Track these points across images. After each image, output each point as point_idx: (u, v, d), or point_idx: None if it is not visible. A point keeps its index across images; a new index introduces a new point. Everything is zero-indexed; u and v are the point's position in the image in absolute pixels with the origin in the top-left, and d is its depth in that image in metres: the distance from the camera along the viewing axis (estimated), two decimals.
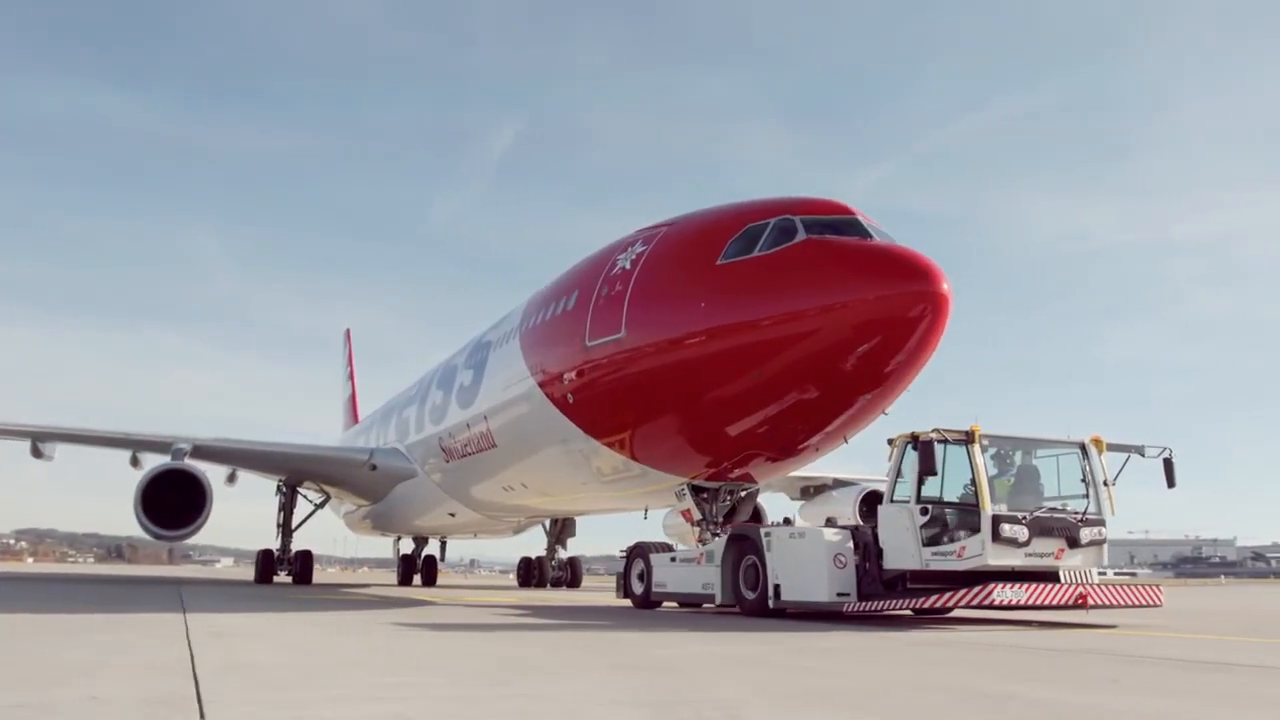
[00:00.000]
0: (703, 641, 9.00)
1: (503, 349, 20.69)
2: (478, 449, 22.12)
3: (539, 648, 8.06)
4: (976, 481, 11.01)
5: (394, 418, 30.69)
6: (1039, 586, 11.06)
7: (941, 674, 6.49)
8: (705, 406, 14.84)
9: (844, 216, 13.97)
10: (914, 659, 7.49)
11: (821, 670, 6.62)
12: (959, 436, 11.25)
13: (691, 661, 6.99)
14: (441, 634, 9.66)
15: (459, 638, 9.17)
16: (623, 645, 8.27)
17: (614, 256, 16.77)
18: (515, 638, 9.36)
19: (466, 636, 9.37)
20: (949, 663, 7.25)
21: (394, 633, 9.48)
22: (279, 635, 9.01)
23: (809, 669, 6.70)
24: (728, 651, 7.93)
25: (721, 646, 8.43)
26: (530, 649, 7.94)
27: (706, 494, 16.54)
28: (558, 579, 34.58)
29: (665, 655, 7.45)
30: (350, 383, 51.84)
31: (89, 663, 6.25)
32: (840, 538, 12.33)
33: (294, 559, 30.89)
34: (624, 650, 7.80)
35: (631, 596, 16.41)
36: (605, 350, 15.92)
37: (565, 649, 7.93)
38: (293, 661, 6.62)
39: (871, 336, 12.61)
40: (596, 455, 17.37)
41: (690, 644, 8.60)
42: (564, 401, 17.27)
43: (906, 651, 8.11)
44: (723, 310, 14.07)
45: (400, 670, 6.25)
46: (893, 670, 6.64)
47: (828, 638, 9.49)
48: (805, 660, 7.29)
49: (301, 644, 8.08)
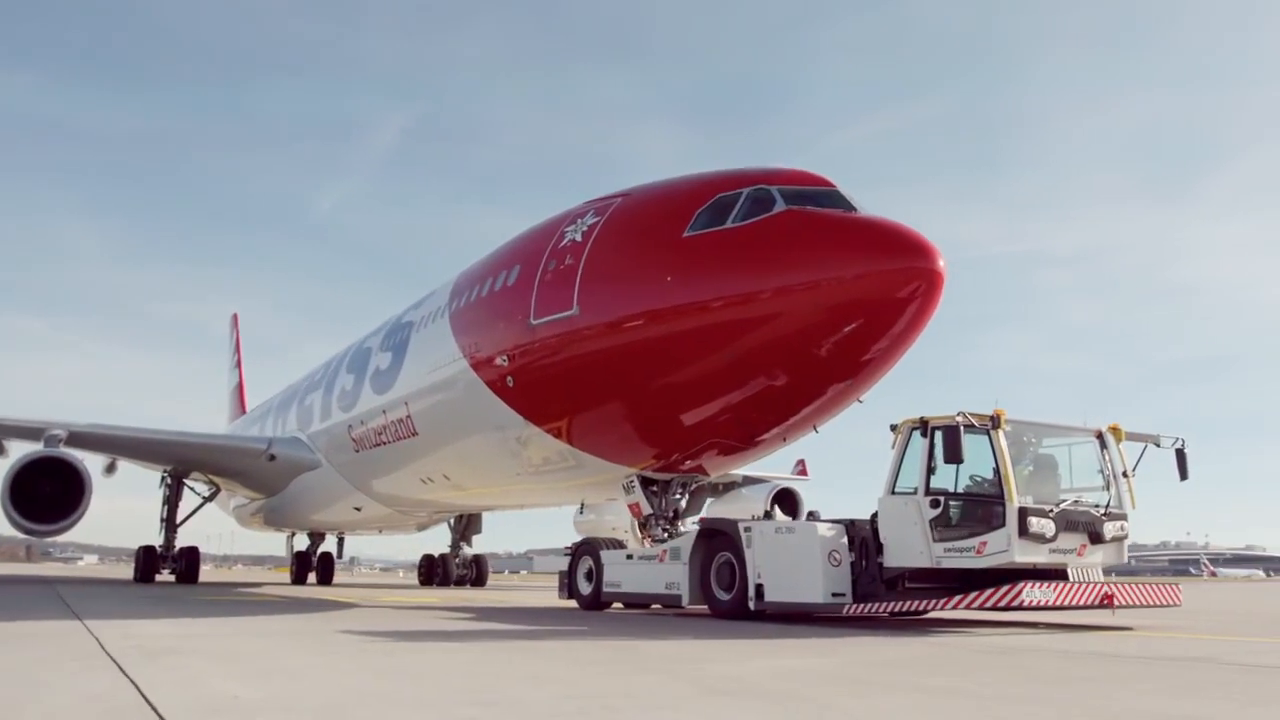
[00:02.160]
0: (756, 653, 7.68)
1: (428, 329, 19.10)
2: (394, 438, 20.47)
3: (584, 667, 6.63)
4: (1001, 470, 10.09)
5: (294, 405, 28.59)
6: (1067, 586, 10.26)
7: (1090, 691, 5.49)
8: (667, 391, 13.69)
9: (823, 188, 12.98)
10: (1032, 672, 6.49)
11: (973, 691, 5.52)
12: (984, 421, 10.32)
13: (807, 683, 5.73)
14: (433, 648, 8.21)
15: (464, 653, 7.61)
16: (677, 661, 6.85)
17: (561, 229, 15.47)
18: (529, 652, 7.67)
19: (470, 652, 7.82)
20: (1078, 679, 6.23)
21: (373, 648, 7.98)
22: (232, 652, 7.40)
23: (953, 689, 5.59)
24: (813, 667, 6.64)
25: (794, 659, 7.20)
26: (574, 669, 6.48)
27: (656, 487, 15.40)
28: (462, 578, 32.95)
29: (756, 674, 6.15)
30: (237, 370, 48.92)
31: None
32: (834, 533, 11.25)
33: (179, 556, 28.57)
34: (689, 668, 6.47)
35: (577, 597, 15.11)
36: (553, 329, 14.61)
37: (618, 668, 6.52)
38: (292, 698, 4.99)
39: (862, 315, 11.66)
40: (535, 444, 16.05)
41: (750, 658, 7.25)
42: (501, 385, 15.88)
43: (1000, 661, 7.06)
44: (692, 286, 12.94)
45: (453, 705, 4.76)
46: (1051, 689, 5.65)
47: (876, 646, 8.32)
48: (927, 676, 6.16)
49: (273, 665, 6.50)
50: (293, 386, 31.32)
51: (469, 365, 16.78)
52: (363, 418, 22.05)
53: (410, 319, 20.81)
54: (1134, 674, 6.56)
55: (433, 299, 20.01)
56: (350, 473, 24.10)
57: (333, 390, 24.71)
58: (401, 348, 20.40)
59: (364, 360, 22.94)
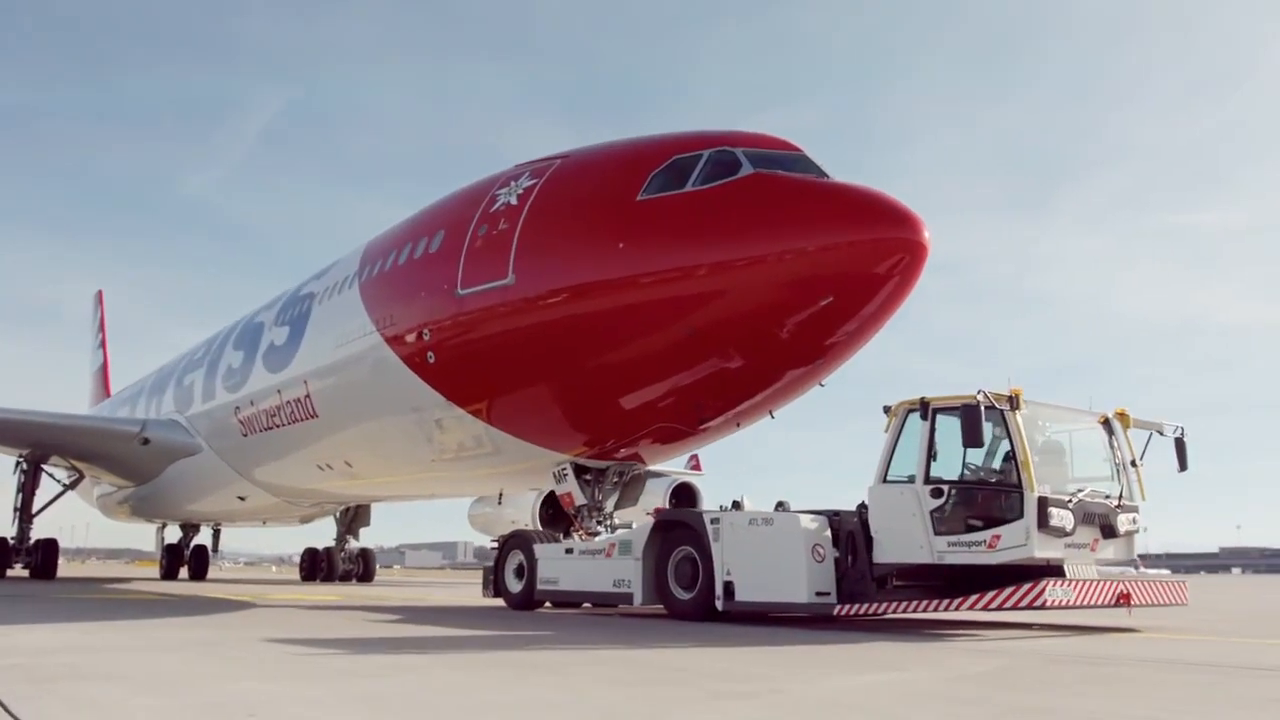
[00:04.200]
0: (818, 666, 6.50)
1: (334, 301, 17.42)
2: (290, 420, 18.68)
3: (626, 689, 5.27)
4: (1020, 456, 9.22)
5: (171, 386, 26.21)
6: (1086, 585, 9.45)
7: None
8: (612, 369, 12.54)
9: (791, 152, 12.01)
10: (1141, 687, 5.64)
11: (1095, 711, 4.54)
12: (1003, 401, 9.43)
13: (915, 705, 4.68)
14: (404, 665, 6.78)
15: (450, 673, 6.05)
16: (744, 680, 5.60)
17: (492, 191, 14.11)
18: (533, 669, 6.27)
19: (457, 670, 6.22)
20: (1199, 695, 5.36)
21: (329, 666, 6.50)
22: (153, 674, 5.75)
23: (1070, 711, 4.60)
24: (897, 683, 5.58)
25: (872, 674, 6.09)
26: (614, 692, 5.17)
27: (590, 475, 14.22)
28: (348, 573, 31.02)
29: (849, 695, 5.05)
30: (101, 350, 45.40)
31: None
32: (818, 525, 10.19)
33: (34, 549, 25.92)
34: (761, 686, 5.32)
35: (505, 595, 13.75)
36: (484, 300, 13.27)
37: (678, 691, 5.22)
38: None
39: (839, 288, 10.73)
40: (455, 427, 14.67)
41: (823, 674, 6.00)
42: (421, 362, 14.42)
43: (1087, 673, 6.14)
44: (647, 254, 11.81)
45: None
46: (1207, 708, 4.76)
47: (934, 655, 7.26)
48: (1036, 693, 5.17)
49: (221, 694, 4.92)
50: (168, 366, 28.85)
51: (383, 340, 15.24)
52: (253, 398, 20.15)
53: (311, 290, 19.04)
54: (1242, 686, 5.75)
55: (338, 268, 18.32)
56: (235, 458, 22.10)
57: (217, 369, 22.63)
58: (301, 321, 18.63)
59: (255, 336, 20.99)
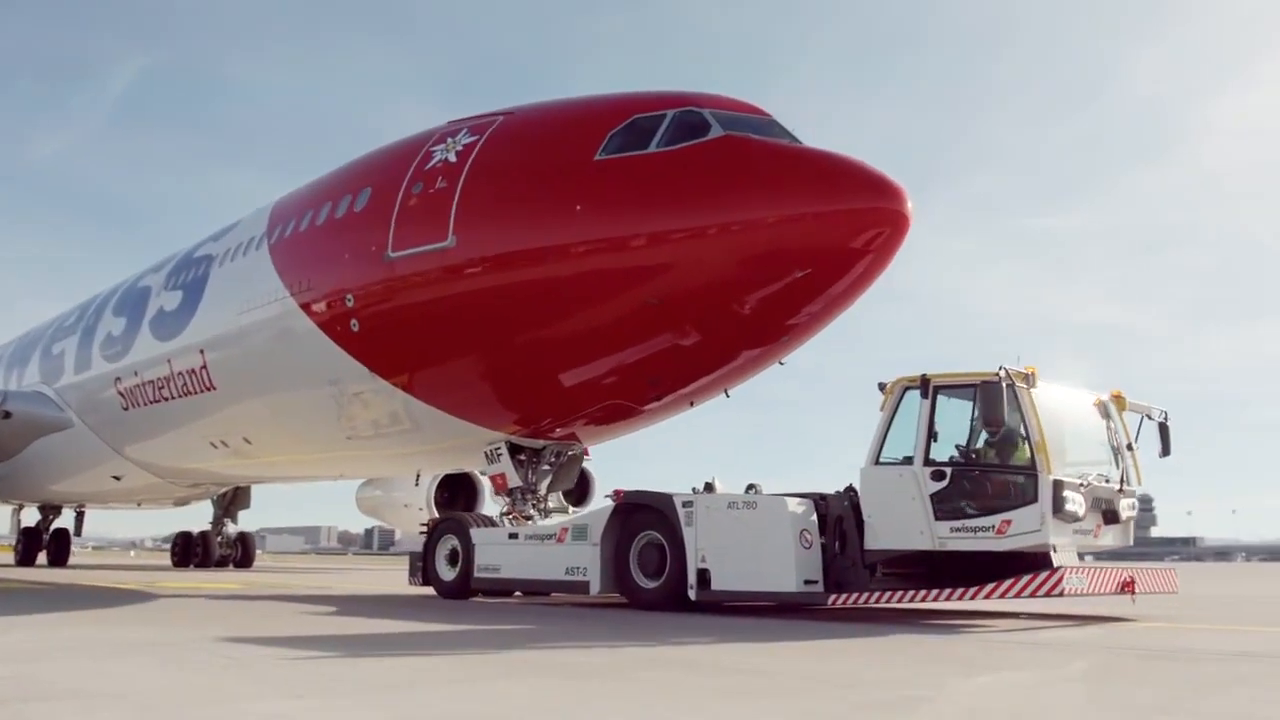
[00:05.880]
0: (902, 665, 5.84)
1: (238, 263, 15.97)
2: (182, 392, 17.13)
3: (712, 701, 4.47)
4: (1035, 437, 8.78)
5: (36, 356, 23.96)
6: (1096, 572, 9.14)
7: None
8: (561, 341, 11.77)
9: (760, 116, 11.39)
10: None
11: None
12: (1022, 378, 8.96)
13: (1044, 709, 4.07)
14: (414, 671, 6.00)
15: (465, 680, 5.15)
16: (821, 682, 4.93)
17: (426, 148, 13.05)
18: (565, 674, 5.45)
19: (473, 678, 5.44)
20: None
21: (324, 672, 5.63)
22: (157, 695, 4.66)
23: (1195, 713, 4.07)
24: (1012, 683, 4.99)
25: (986, 675, 5.48)
26: (691, 699, 4.45)
27: (526, 455, 13.37)
28: (225, 558, 29.17)
29: (967, 703, 4.44)
30: None
31: None
32: (804, 509, 9.55)
33: None
34: (850, 692, 4.68)
35: (436, 583, 12.74)
36: (419, 263, 12.26)
37: (760, 700, 4.45)
38: None
39: (817, 260, 10.19)
40: (378, 401, 13.62)
41: (922, 676, 5.34)
42: (343, 330, 13.29)
43: (1187, 671, 5.72)
44: (609, 218, 11.05)
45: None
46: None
47: (970, 647, 6.72)
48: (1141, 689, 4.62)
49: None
50: (31, 335, 26.45)
51: (298, 306, 13.99)
52: (137, 368, 18.46)
53: (209, 252, 17.49)
54: None
55: (241, 229, 16.86)
56: (112, 434, 20.28)
57: (93, 337, 20.70)
58: (197, 286, 17.08)
59: (140, 301, 19.23)
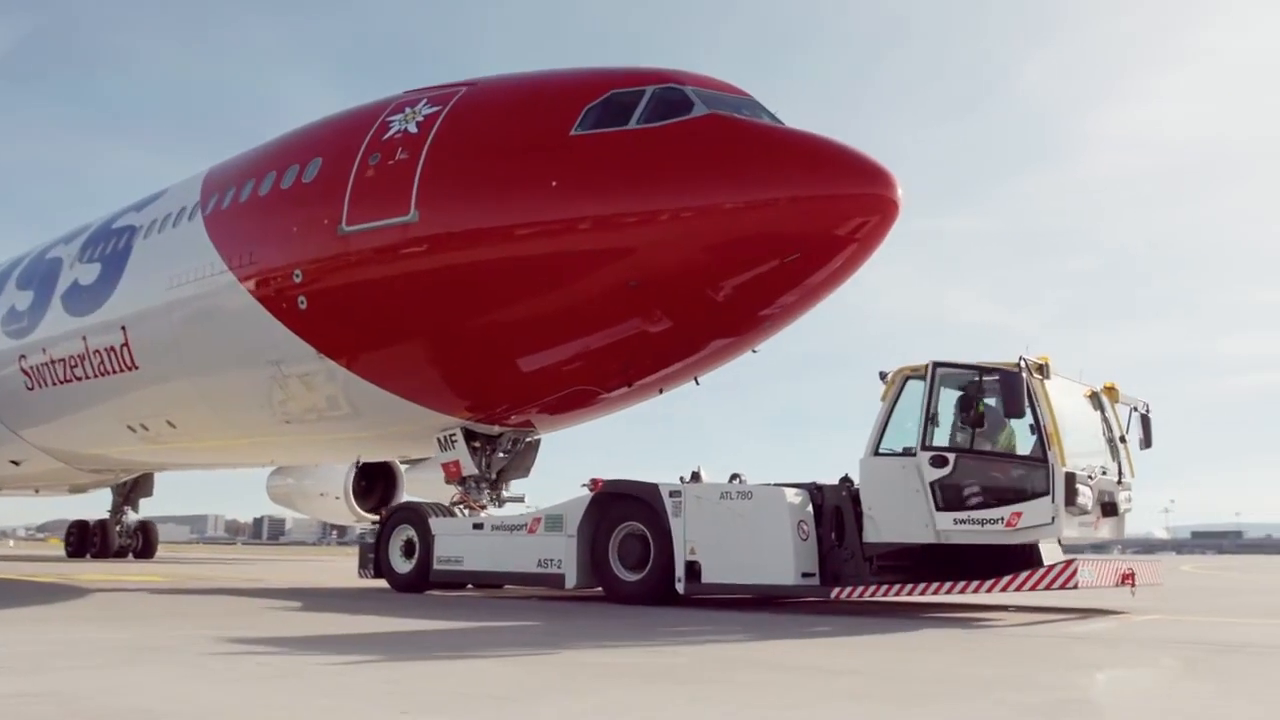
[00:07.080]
0: (978, 658, 5.64)
1: (167, 235, 14.98)
2: (98, 372, 16.04)
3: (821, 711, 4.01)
4: (1048, 427, 8.62)
5: None
6: (1101, 564, 9.04)
7: None
8: (527, 323, 11.30)
9: (741, 96, 11.08)
10: None
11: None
12: (1037, 369, 8.76)
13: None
14: (449, 668, 5.62)
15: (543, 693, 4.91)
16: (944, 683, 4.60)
17: (382, 118, 12.40)
18: (633, 671, 5.17)
19: (524, 678, 5.12)
20: None
21: (339, 679, 5.18)
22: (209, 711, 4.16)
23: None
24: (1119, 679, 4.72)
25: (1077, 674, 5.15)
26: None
27: (480, 442, 12.84)
28: (125, 548, 27.68)
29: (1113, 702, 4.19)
30: None
31: None
32: (801, 500, 9.26)
33: None
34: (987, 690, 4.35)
35: (390, 576, 12.08)
36: (375, 238, 11.65)
37: (884, 705, 4.10)
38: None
39: (806, 244, 9.94)
40: (325, 383, 12.94)
41: (1034, 674, 5.09)
42: (289, 308, 12.56)
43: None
44: (587, 195, 10.63)
45: None
46: None
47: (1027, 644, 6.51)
48: None
49: None
50: None
51: (237, 280, 13.18)
52: (45, 345, 17.27)
53: (131, 223, 16.40)
54: None
55: (169, 198, 15.84)
56: (12, 416, 18.95)
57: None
58: (119, 258, 15.99)
59: (50, 273, 17.98)
